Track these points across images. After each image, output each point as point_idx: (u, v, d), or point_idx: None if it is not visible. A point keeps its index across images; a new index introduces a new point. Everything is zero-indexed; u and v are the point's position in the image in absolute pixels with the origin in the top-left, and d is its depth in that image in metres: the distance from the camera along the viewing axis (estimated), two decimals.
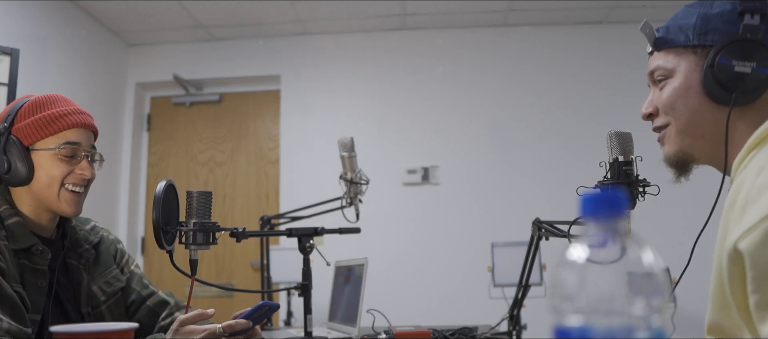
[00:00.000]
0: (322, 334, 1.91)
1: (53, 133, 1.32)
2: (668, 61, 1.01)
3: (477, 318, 2.47)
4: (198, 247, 1.33)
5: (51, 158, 1.32)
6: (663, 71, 1.02)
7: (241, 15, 3.64)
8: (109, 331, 0.84)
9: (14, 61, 2.37)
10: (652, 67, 1.04)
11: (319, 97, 3.87)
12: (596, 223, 0.48)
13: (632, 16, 3.67)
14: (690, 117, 0.98)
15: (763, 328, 0.76)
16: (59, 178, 1.32)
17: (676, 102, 0.99)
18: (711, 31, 0.97)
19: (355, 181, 1.95)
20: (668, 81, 1.01)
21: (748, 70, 0.92)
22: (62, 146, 1.32)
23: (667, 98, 1.01)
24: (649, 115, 1.06)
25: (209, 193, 1.35)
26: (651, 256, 0.46)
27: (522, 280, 1.81)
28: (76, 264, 1.41)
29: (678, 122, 1.00)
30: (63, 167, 1.32)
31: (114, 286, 1.46)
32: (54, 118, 1.32)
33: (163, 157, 4.04)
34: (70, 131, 1.33)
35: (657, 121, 1.04)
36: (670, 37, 1.01)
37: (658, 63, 1.03)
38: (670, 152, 1.03)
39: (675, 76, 1.00)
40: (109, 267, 1.48)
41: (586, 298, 0.45)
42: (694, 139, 0.99)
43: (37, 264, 1.30)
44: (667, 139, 1.03)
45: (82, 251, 1.43)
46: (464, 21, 3.79)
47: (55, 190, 1.32)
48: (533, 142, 3.70)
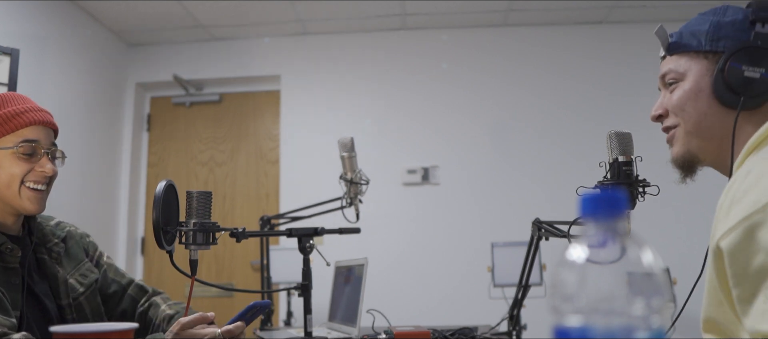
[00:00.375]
0: (322, 334, 1.91)
1: (10, 131, 1.31)
2: (680, 65, 1.05)
3: (477, 318, 2.47)
4: (198, 247, 1.33)
5: (9, 157, 1.31)
6: (675, 74, 1.05)
7: (241, 15, 3.64)
8: (109, 331, 0.84)
9: (14, 61, 2.37)
10: (664, 70, 1.08)
11: (319, 97, 3.87)
12: (596, 223, 0.48)
13: (632, 16, 3.67)
14: (698, 119, 1.02)
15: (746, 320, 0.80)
16: (19, 176, 1.31)
17: (686, 104, 1.03)
18: (723, 37, 1.01)
19: (355, 181, 1.95)
20: (679, 84, 1.05)
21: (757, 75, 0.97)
22: (20, 144, 1.31)
23: (678, 100, 1.04)
24: (658, 117, 1.10)
25: (209, 193, 1.35)
26: (651, 256, 0.46)
27: (522, 280, 1.81)
28: (47, 258, 1.41)
29: (687, 124, 1.03)
30: (22, 165, 1.31)
31: (89, 278, 1.47)
32: (10, 116, 1.31)
33: (163, 157, 4.04)
34: (28, 129, 1.32)
35: (667, 122, 1.08)
36: (683, 42, 1.06)
37: (670, 66, 1.07)
38: (678, 153, 1.06)
39: (686, 79, 1.04)
40: (80, 261, 1.48)
41: (586, 298, 0.45)
42: (702, 140, 1.03)
43: (8, 262, 1.29)
44: (676, 140, 1.06)
45: (51, 245, 1.43)
46: (464, 21, 3.79)
47: (16, 188, 1.31)
48: (533, 142, 3.70)
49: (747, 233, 0.79)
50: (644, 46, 3.76)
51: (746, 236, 0.79)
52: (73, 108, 3.35)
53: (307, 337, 1.65)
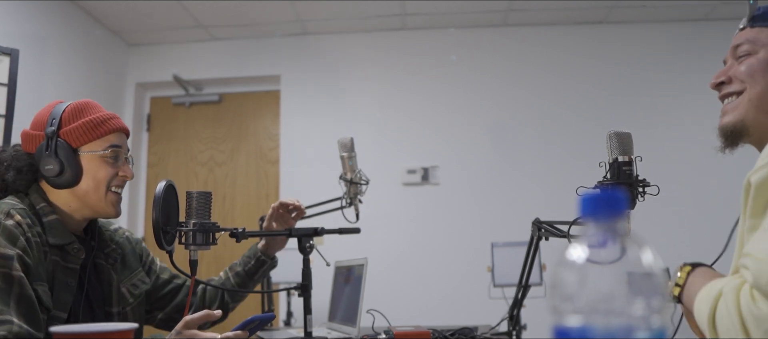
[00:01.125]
0: (322, 335, 1.91)
1: (99, 136, 1.35)
2: (759, 38, 1.04)
3: (477, 318, 2.47)
4: (198, 248, 1.33)
5: (98, 161, 1.35)
6: (750, 46, 1.05)
7: (241, 15, 3.64)
8: (109, 331, 0.84)
9: (14, 61, 2.37)
10: (740, 41, 1.07)
11: (319, 97, 3.87)
12: (596, 223, 0.48)
13: (632, 16, 3.67)
14: (765, 90, 1.01)
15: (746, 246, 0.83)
16: (106, 181, 1.35)
17: (756, 72, 1.02)
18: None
19: (355, 181, 1.94)
20: (752, 56, 1.04)
21: None
22: (108, 149, 1.36)
23: (748, 67, 1.03)
24: (718, 84, 1.08)
25: (209, 193, 1.35)
26: (651, 256, 0.46)
27: (522, 280, 1.81)
28: (105, 264, 1.42)
29: (752, 91, 1.02)
30: (109, 170, 1.36)
31: (139, 289, 1.50)
32: (100, 122, 1.36)
33: (163, 157, 4.04)
34: (114, 135, 1.38)
35: (730, 87, 1.06)
36: None
37: (746, 37, 1.06)
38: (731, 121, 1.05)
39: (761, 52, 1.03)
40: (135, 269, 1.51)
41: (585, 298, 0.45)
42: (760, 113, 1.02)
43: (69, 262, 1.31)
44: (734, 107, 1.05)
45: (109, 251, 1.45)
46: (464, 21, 3.79)
47: (102, 192, 1.35)
48: (533, 142, 3.70)
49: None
50: (644, 46, 3.77)
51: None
52: None
53: (307, 337, 1.65)
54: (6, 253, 1.16)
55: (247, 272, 1.69)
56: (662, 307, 0.45)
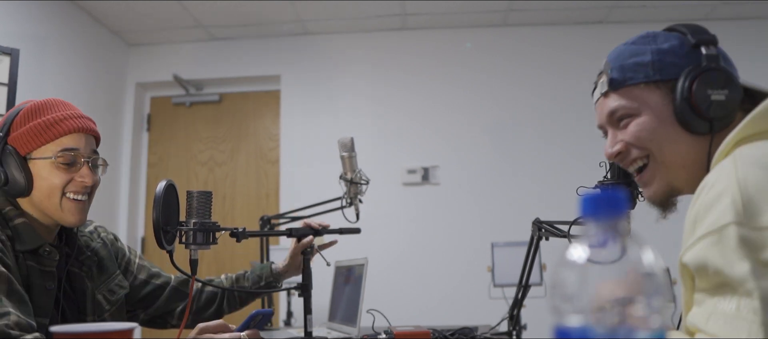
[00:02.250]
0: (322, 334, 1.91)
1: (50, 140, 1.26)
2: (631, 99, 1.00)
3: (477, 318, 2.47)
4: (198, 247, 1.33)
5: (49, 167, 1.26)
6: (626, 110, 1.01)
7: (241, 15, 3.64)
8: (109, 331, 0.84)
9: (14, 61, 2.37)
10: (612, 108, 1.03)
11: (319, 96, 3.87)
12: (596, 223, 0.48)
13: (632, 16, 3.67)
14: (670, 147, 0.98)
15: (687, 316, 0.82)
16: (59, 187, 1.26)
17: (652, 134, 0.99)
18: (669, 65, 0.98)
19: (355, 181, 1.94)
20: (634, 119, 1.00)
21: (723, 97, 0.94)
22: (59, 153, 1.26)
23: (640, 132, 1.00)
24: (617, 154, 1.04)
25: (209, 193, 1.34)
26: (651, 256, 0.46)
27: (522, 280, 1.81)
28: (79, 272, 1.39)
29: (659, 153, 0.99)
30: (62, 175, 1.27)
31: (117, 294, 1.46)
32: (50, 124, 1.27)
33: (163, 157, 4.04)
34: (68, 137, 1.28)
35: (632, 155, 1.02)
36: (628, 76, 1.00)
37: (618, 103, 1.02)
38: (658, 190, 1.02)
39: (642, 113, 0.99)
40: (112, 273, 1.47)
41: (586, 298, 0.45)
42: (678, 170, 0.99)
43: (45, 266, 1.27)
44: (652, 175, 1.02)
45: (83, 258, 1.41)
46: (464, 21, 3.79)
47: (56, 199, 1.27)
48: (533, 142, 3.70)
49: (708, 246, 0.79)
50: None
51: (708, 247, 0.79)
52: None
53: (307, 337, 1.65)
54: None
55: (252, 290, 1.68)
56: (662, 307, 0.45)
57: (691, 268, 0.82)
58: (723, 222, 0.77)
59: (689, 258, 0.82)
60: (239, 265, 3.83)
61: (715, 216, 0.79)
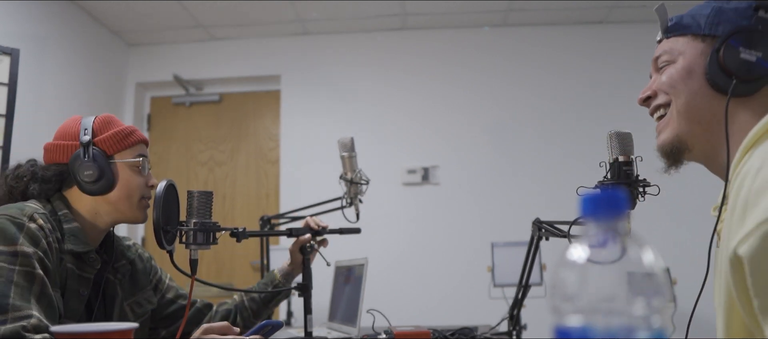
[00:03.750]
0: (322, 334, 1.91)
1: (129, 145, 1.40)
2: (676, 47, 1.01)
3: (477, 318, 2.47)
4: (198, 247, 1.33)
5: (130, 169, 1.39)
6: (668, 56, 1.02)
7: (241, 15, 3.64)
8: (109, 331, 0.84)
9: (14, 61, 2.37)
10: (658, 52, 1.04)
11: (319, 97, 3.87)
12: (596, 223, 0.48)
13: (632, 16, 3.67)
14: (689, 98, 0.98)
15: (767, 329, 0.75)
16: (138, 189, 1.39)
17: (676, 82, 0.99)
18: (723, 22, 0.97)
19: (355, 181, 1.94)
20: (671, 65, 1.01)
21: (753, 58, 0.92)
22: (138, 157, 1.40)
23: (668, 78, 1.00)
24: (646, 99, 1.05)
25: (210, 192, 1.35)
26: (651, 256, 0.46)
27: (522, 280, 1.81)
28: (113, 279, 1.43)
29: (678, 101, 0.99)
30: (139, 179, 1.40)
31: (144, 308, 1.50)
32: (128, 132, 1.41)
33: (163, 157, 4.04)
34: (140, 145, 1.43)
35: (656, 100, 1.03)
36: (683, 24, 1.02)
37: (664, 48, 1.03)
38: (666, 139, 1.01)
39: (679, 60, 1.00)
40: (143, 288, 1.51)
41: (586, 298, 0.45)
42: (692, 124, 0.98)
43: (85, 271, 1.32)
44: (666, 123, 1.02)
45: (119, 266, 1.46)
46: (464, 21, 3.79)
47: (135, 199, 1.39)
48: (533, 142, 3.70)
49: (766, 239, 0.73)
50: (644, 46, 3.76)
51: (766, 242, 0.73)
52: (73, 108, 3.34)
53: (307, 337, 1.65)
54: (28, 251, 1.18)
55: (263, 299, 1.69)
56: (662, 307, 0.45)
57: (746, 261, 0.76)
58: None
59: (746, 250, 0.76)
60: (239, 265, 3.83)
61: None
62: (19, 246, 1.17)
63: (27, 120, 2.68)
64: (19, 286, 1.14)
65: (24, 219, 1.21)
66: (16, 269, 1.15)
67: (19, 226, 1.20)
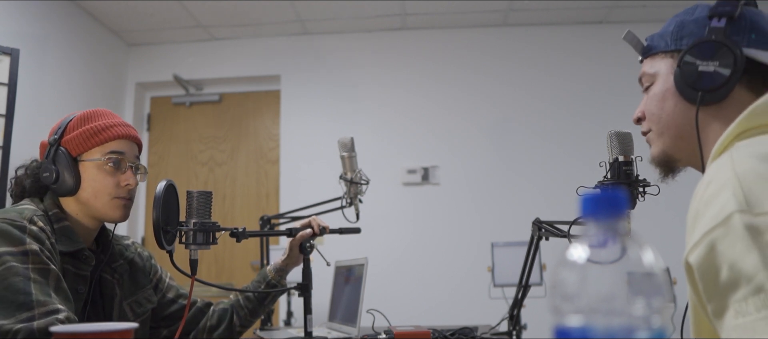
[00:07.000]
0: (322, 334, 1.91)
1: (99, 143, 1.36)
2: (652, 67, 1.06)
3: (477, 318, 2.47)
4: (198, 247, 1.33)
5: (97, 169, 1.35)
6: (648, 77, 1.06)
7: (241, 15, 3.64)
8: (109, 331, 0.84)
9: (14, 61, 2.37)
10: (640, 74, 1.09)
11: (319, 97, 3.88)
12: (596, 223, 0.48)
13: (632, 16, 3.67)
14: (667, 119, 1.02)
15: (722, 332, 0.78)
16: (106, 189, 1.35)
17: (654, 106, 1.04)
18: (686, 35, 1.01)
19: (355, 181, 1.94)
20: (652, 87, 1.06)
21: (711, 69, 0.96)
22: (107, 156, 1.35)
23: (648, 102, 1.05)
24: (638, 120, 1.10)
25: (209, 192, 1.34)
26: (651, 256, 0.46)
27: (522, 280, 1.81)
28: (110, 278, 1.43)
29: (656, 125, 1.04)
30: (108, 178, 1.35)
31: (144, 307, 1.49)
32: (99, 129, 1.37)
33: (163, 156, 4.04)
34: (115, 142, 1.37)
35: (643, 127, 1.09)
36: (653, 45, 1.06)
37: (644, 70, 1.08)
38: (654, 154, 1.07)
39: (656, 81, 1.04)
40: (143, 287, 1.51)
41: (586, 298, 0.45)
42: (673, 139, 1.03)
43: (80, 269, 1.32)
44: (651, 141, 1.07)
45: (116, 266, 1.45)
46: (464, 21, 3.79)
47: (105, 199, 1.35)
48: (533, 142, 3.70)
49: (710, 247, 0.77)
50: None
51: (710, 250, 0.77)
52: (73, 108, 3.33)
53: (307, 337, 1.65)
54: (36, 249, 1.19)
55: (257, 298, 1.69)
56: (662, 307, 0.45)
57: (695, 269, 0.80)
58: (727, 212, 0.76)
59: (694, 259, 0.80)
60: (239, 265, 3.83)
61: (716, 209, 0.78)
62: (27, 245, 1.18)
63: (27, 120, 2.68)
64: (38, 283, 1.16)
65: (24, 222, 1.22)
66: (30, 267, 1.17)
67: (21, 228, 1.21)
